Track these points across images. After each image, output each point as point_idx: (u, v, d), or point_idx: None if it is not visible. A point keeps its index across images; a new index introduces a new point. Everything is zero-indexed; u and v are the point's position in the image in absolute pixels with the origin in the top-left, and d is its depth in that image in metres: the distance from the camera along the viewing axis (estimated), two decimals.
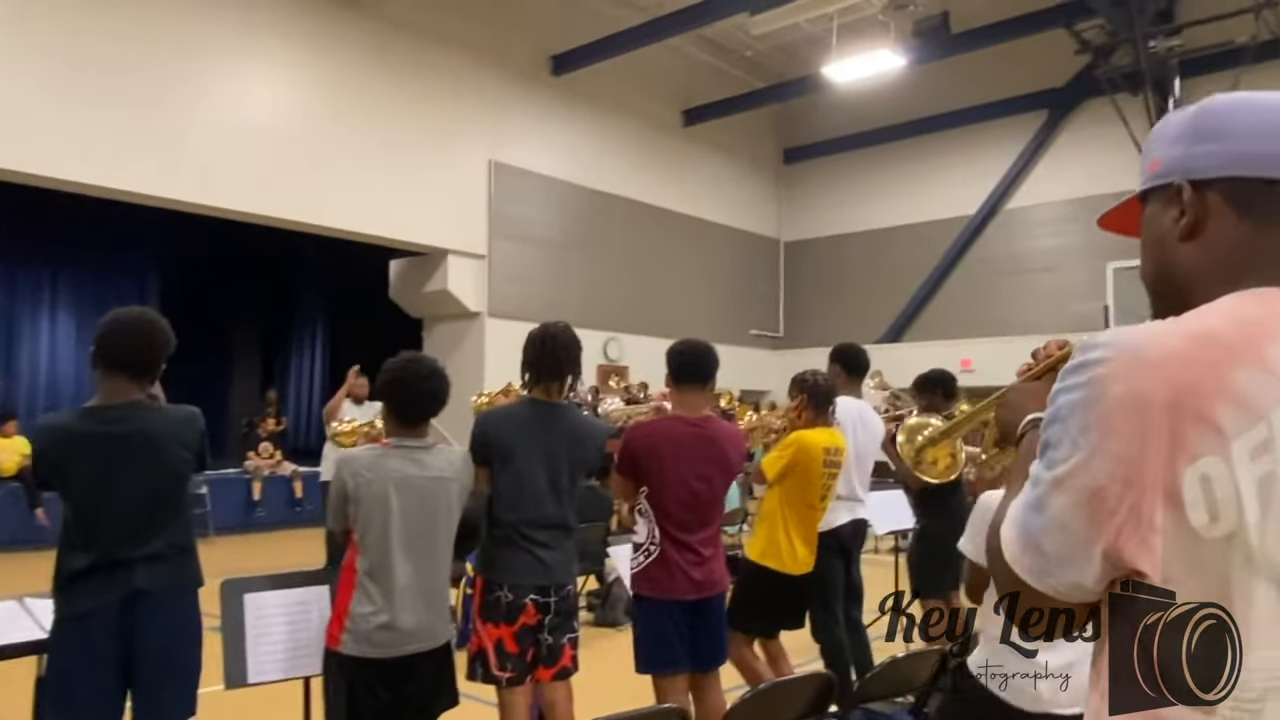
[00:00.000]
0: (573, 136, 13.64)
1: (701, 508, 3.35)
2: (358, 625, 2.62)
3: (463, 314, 12.46)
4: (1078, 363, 0.90)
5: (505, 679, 3.03)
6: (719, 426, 3.50)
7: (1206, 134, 0.98)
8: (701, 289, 15.39)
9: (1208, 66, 12.17)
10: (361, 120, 11.07)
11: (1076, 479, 0.87)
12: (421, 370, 2.78)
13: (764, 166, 17.10)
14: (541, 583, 3.08)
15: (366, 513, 2.67)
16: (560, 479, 3.17)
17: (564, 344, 3.24)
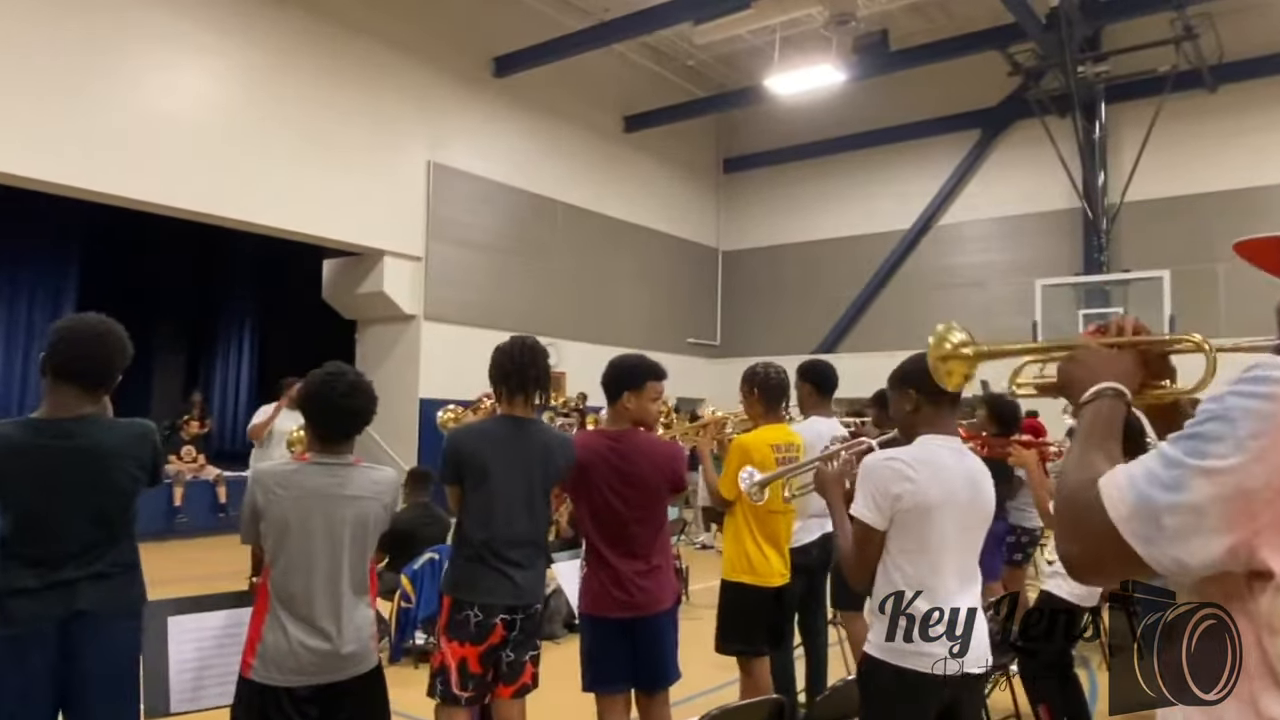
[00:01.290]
0: (513, 139, 13.52)
1: (620, 524, 3.25)
2: (269, 651, 2.48)
3: (398, 317, 12.22)
4: (1261, 375, 0.94)
5: (465, 698, 2.95)
6: (647, 440, 3.38)
7: None
8: (640, 296, 15.39)
9: (1131, 93, 12.66)
10: (297, 116, 10.77)
11: (1232, 476, 0.92)
12: (342, 386, 2.61)
13: (704, 175, 17.19)
14: (513, 603, 3.01)
15: (278, 531, 2.51)
16: (534, 495, 3.11)
17: (538, 361, 3.18)
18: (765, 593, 3.82)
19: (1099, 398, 1.23)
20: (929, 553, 2.33)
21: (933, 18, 13.37)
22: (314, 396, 2.61)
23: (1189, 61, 11.88)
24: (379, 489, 2.68)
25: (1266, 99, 12.14)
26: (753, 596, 3.80)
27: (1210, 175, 12.49)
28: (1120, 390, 1.23)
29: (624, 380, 3.31)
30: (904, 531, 2.35)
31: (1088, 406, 1.23)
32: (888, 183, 15.37)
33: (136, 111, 9.36)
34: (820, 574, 4.27)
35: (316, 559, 2.52)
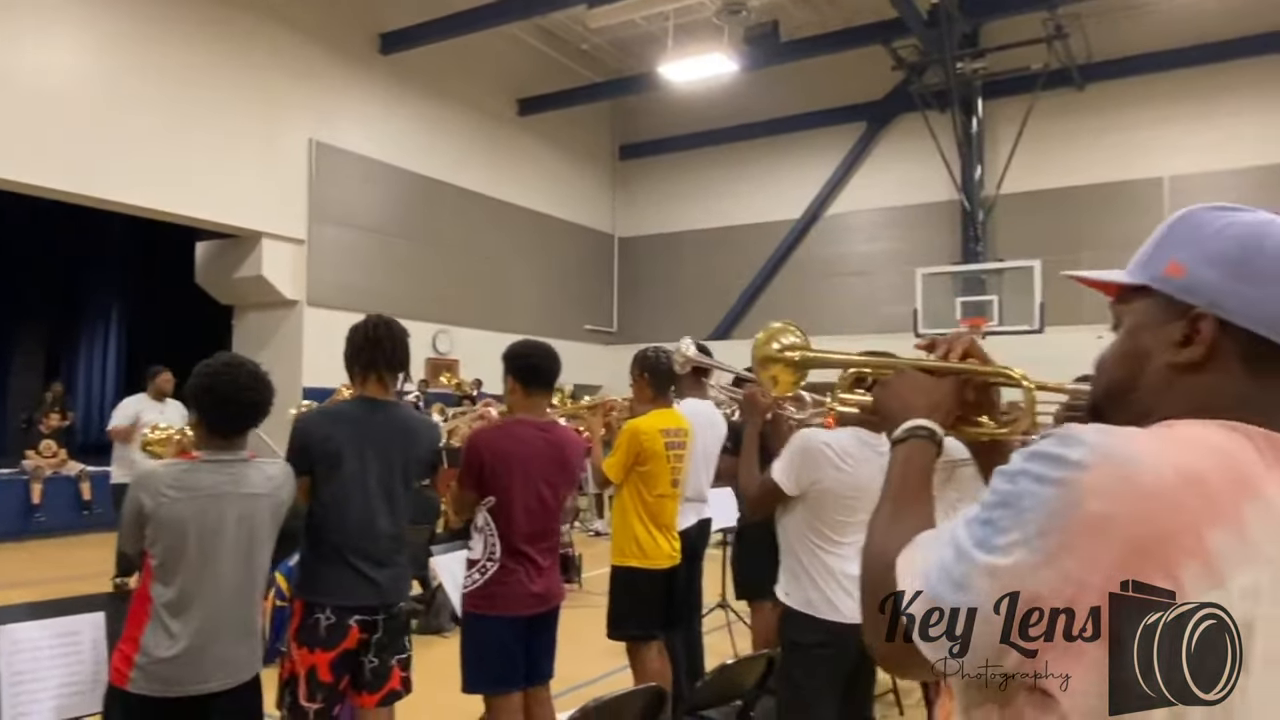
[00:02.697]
0: (402, 120, 13.11)
1: (547, 517, 3.23)
2: (151, 661, 2.32)
3: (279, 302, 11.71)
4: (1055, 453, 0.81)
5: (313, 710, 2.76)
6: (564, 433, 3.39)
7: (1256, 276, 0.88)
8: (535, 282, 15.22)
9: (1006, 90, 13.21)
10: (169, 90, 10.15)
11: (1015, 578, 0.80)
12: (242, 379, 2.45)
13: (599, 161, 17.11)
14: (371, 603, 2.83)
15: (169, 536, 2.36)
16: (394, 485, 2.92)
17: (394, 336, 3.00)
18: (655, 575, 3.83)
19: (910, 437, 1.11)
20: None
21: (821, 10, 13.62)
22: (211, 390, 2.44)
23: (1060, 60, 12.47)
24: (278, 483, 2.55)
25: (1131, 98, 12.86)
26: (643, 579, 3.80)
27: (1079, 170, 13.17)
28: (932, 430, 1.11)
29: (552, 374, 3.27)
30: (817, 509, 2.62)
31: (898, 448, 1.11)
32: (779, 172, 15.63)
33: None
34: (697, 560, 4.29)
35: (216, 562, 2.37)
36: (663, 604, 3.88)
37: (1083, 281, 1.05)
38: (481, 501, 3.15)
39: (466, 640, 3.18)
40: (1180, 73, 12.48)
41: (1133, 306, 0.96)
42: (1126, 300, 0.98)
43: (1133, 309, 0.96)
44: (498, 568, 3.10)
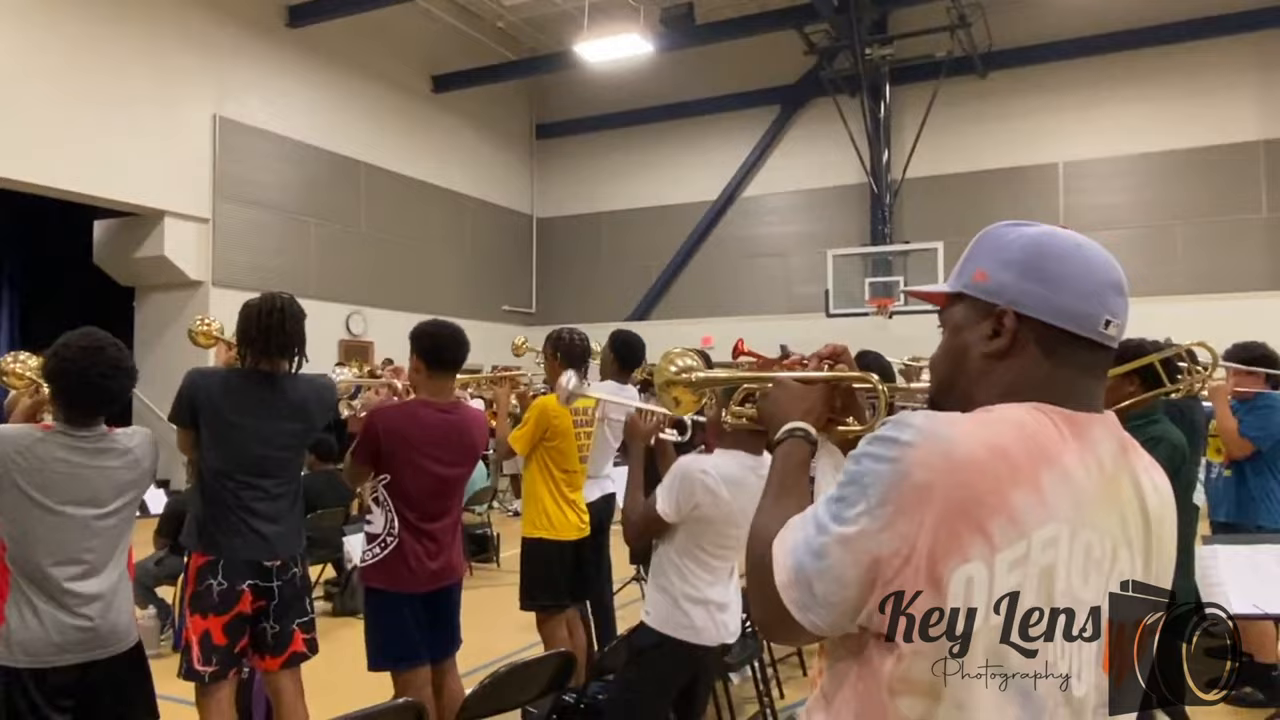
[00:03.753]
0: (311, 95, 12.77)
1: (446, 495, 3.28)
2: (14, 632, 2.31)
3: (183, 283, 11.34)
4: (890, 437, 0.98)
5: (208, 673, 2.78)
6: (467, 413, 3.42)
7: (1041, 276, 1.07)
8: (452, 263, 15.05)
9: (913, 76, 13.60)
10: (62, 62, 9.68)
11: (863, 543, 0.97)
12: (101, 366, 2.40)
13: (517, 141, 16.97)
14: (262, 559, 2.84)
15: (15, 503, 2.33)
16: (284, 447, 2.94)
17: (289, 316, 2.97)
18: (565, 546, 3.94)
19: (789, 438, 1.28)
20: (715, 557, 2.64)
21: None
22: (68, 372, 2.39)
23: (963, 48, 12.90)
24: (136, 456, 2.52)
25: (1030, 86, 13.38)
26: (552, 550, 3.90)
27: (980, 155, 13.66)
28: (807, 431, 1.28)
29: (458, 356, 3.27)
30: (696, 534, 2.60)
31: (778, 449, 1.28)
32: (696, 154, 15.77)
33: None
34: (603, 532, 4.41)
35: (69, 533, 2.35)
36: (572, 574, 3.99)
37: (917, 295, 1.26)
38: (377, 478, 3.18)
39: (368, 615, 3.21)
40: (1076, 62, 13.04)
41: (953, 311, 1.15)
42: (949, 308, 1.16)
43: (953, 313, 1.15)
44: (396, 543, 3.13)
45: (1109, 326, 1.07)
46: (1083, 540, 0.98)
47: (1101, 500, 1.01)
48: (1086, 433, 1.03)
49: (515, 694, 2.68)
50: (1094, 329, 1.06)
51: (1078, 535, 0.98)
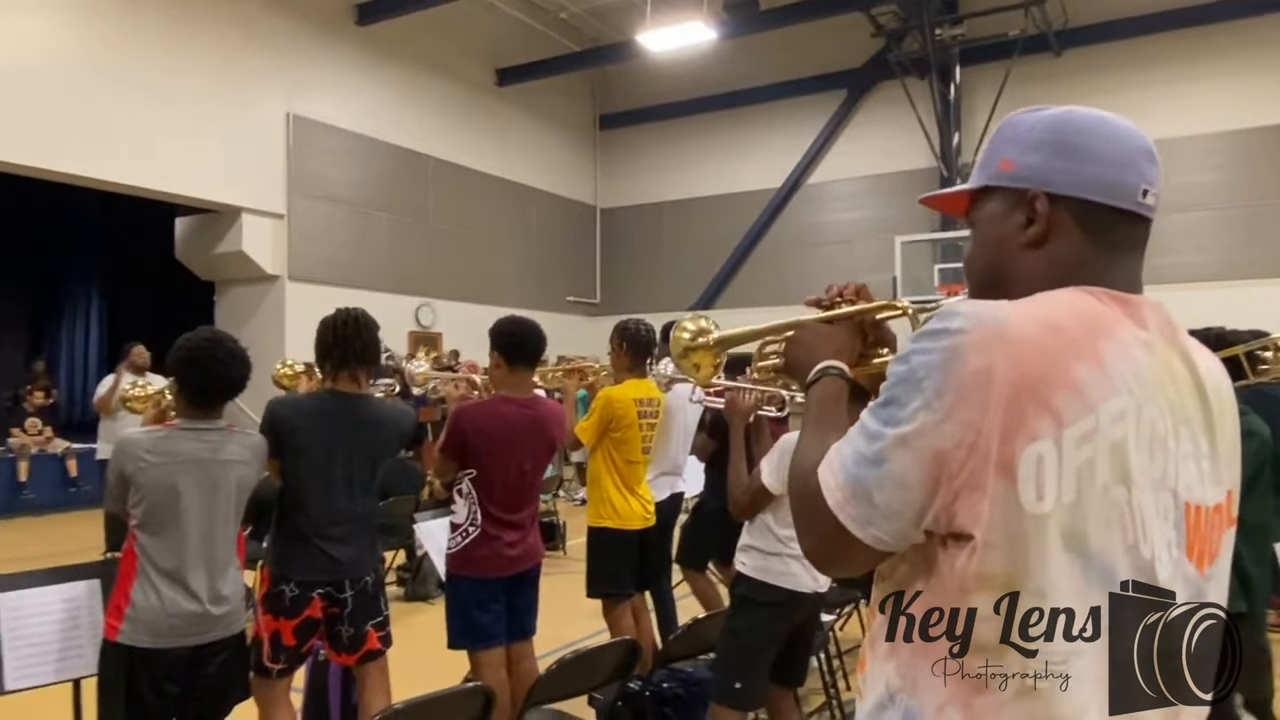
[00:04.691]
0: (380, 91, 13.03)
1: (526, 487, 3.38)
2: (140, 614, 2.46)
3: (260, 277, 11.70)
4: (937, 328, 0.93)
5: (276, 670, 2.90)
6: (546, 407, 3.50)
7: (1068, 151, 1.02)
8: (517, 254, 15.23)
9: (984, 57, 13.24)
10: (144, 65, 10.06)
11: (924, 439, 0.91)
12: (220, 353, 2.58)
13: (580, 131, 17.06)
14: (332, 578, 2.94)
15: (149, 498, 2.50)
16: (358, 474, 3.03)
17: (363, 326, 3.06)
18: (629, 535, 3.97)
19: (822, 377, 1.22)
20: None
21: None
22: (191, 362, 2.57)
23: (1036, 26, 12.51)
24: (252, 453, 2.69)
25: (1108, 63, 12.91)
26: (618, 540, 3.95)
27: None
28: (840, 368, 1.23)
29: (536, 352, 3.38)
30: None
31: (812, 389, 1.22)
32: (760, 141, 15.64)
33: None
34: (667, 530, 4.46)
35: (190, 523, 2.51)
36: (636, 564, 4.03)
37: (934, 201, 1.21)
38: (463, 472, 3.27)
39: (450, 599, 3.32)
40: (1156, 37, 12.54)
41: (981, 210, 1.10)
42: (976, 207, 1.11)
43: (982, 212, 1.10)
44: (479, 533, 3.24)
45: (1147, 196, 1.02)
46: (1148, 416, 0.93)
47: (1158, 377, 0.96)
48: (1136, 311, 0.99)
49: (582, 680, 2.72)
50: (1132, 199, 1.02)
51: (1143, 410, 0.93)
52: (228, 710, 2.64)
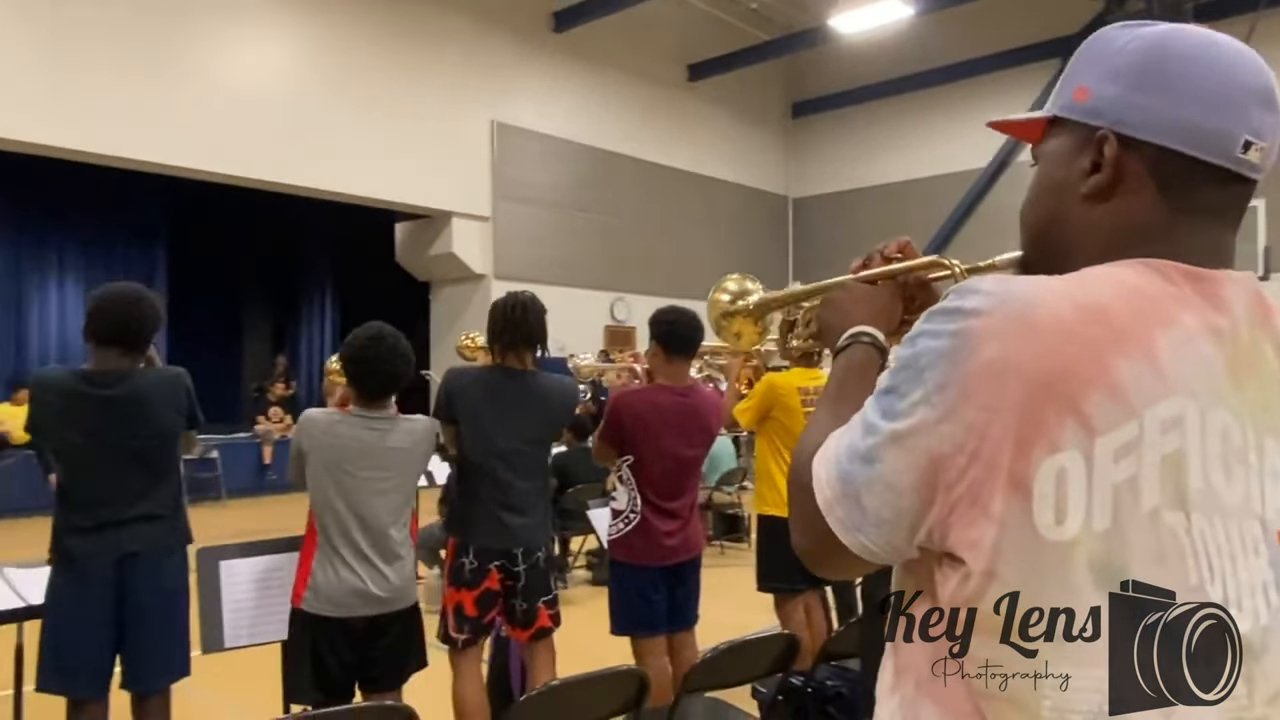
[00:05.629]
0: (576, 95, 13.52)
1: (684, 476, 3.41)
2: (318, 585, 2.69)
3: (468, 276, 12.48)
4: (951, 307, 0.77)
5: (461, 640, 3.08)
6: (703, 396, 3.53)
7: (1154, 82, 0.81)
8: (709, 247, 15.30)
9: (1222, 11, 11.85)
10: (364, 84, 11.01)
11: (920, 439, 0.76)
12: (381, 351, 2.79)
13: (771, 122, 16.88)
14: (507, 547, 3.09)
15: (319, 476, 2.72)
16: (528, 443, 3.17)
17: (530, 309, 3.21)
18: None
19: (852, 344, 1.06)
20: None
21: None
22: (355, 359, 2.79)
23: None
24: (416, 439, 2.87)
25: None
26: (783, 528, 3.84)
27: None
28: (874, 335, 1.06)
29: (694, 341, 3.40)
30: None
31: (838, 357, 1.07)
32: (961, 120, 14.80)
33: (214, 89, 9.73)
34: None
35: (359, 503, 2.70)
36: None
37: (1003, 126, 0.99)
38: (621, 459, 3.35)
39: (612, 586, 3.41)
40: None
41: (1047, 145, 0.91)
42: (1045, 141, 0.92)
43: (1046, 148, 0.91)
44: (639, 520, 3.30)
45: (1250, 150, 0.80)
46: (1217, 423, 0.74)
47: (1237, 374, 0.77)
48: (1216, 291, 0.79)
49: (740, 670, 2.71)
50: (1227, 153, 0.80)
51: (1209, 416, 0.74)
52: (405, 677, 2.85)
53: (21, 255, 12.36)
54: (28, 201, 11.78)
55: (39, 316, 12.53)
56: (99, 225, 12.69)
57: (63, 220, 12.41)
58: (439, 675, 3.07)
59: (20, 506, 8.73)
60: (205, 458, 10.18)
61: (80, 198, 11.85)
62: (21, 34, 8.52)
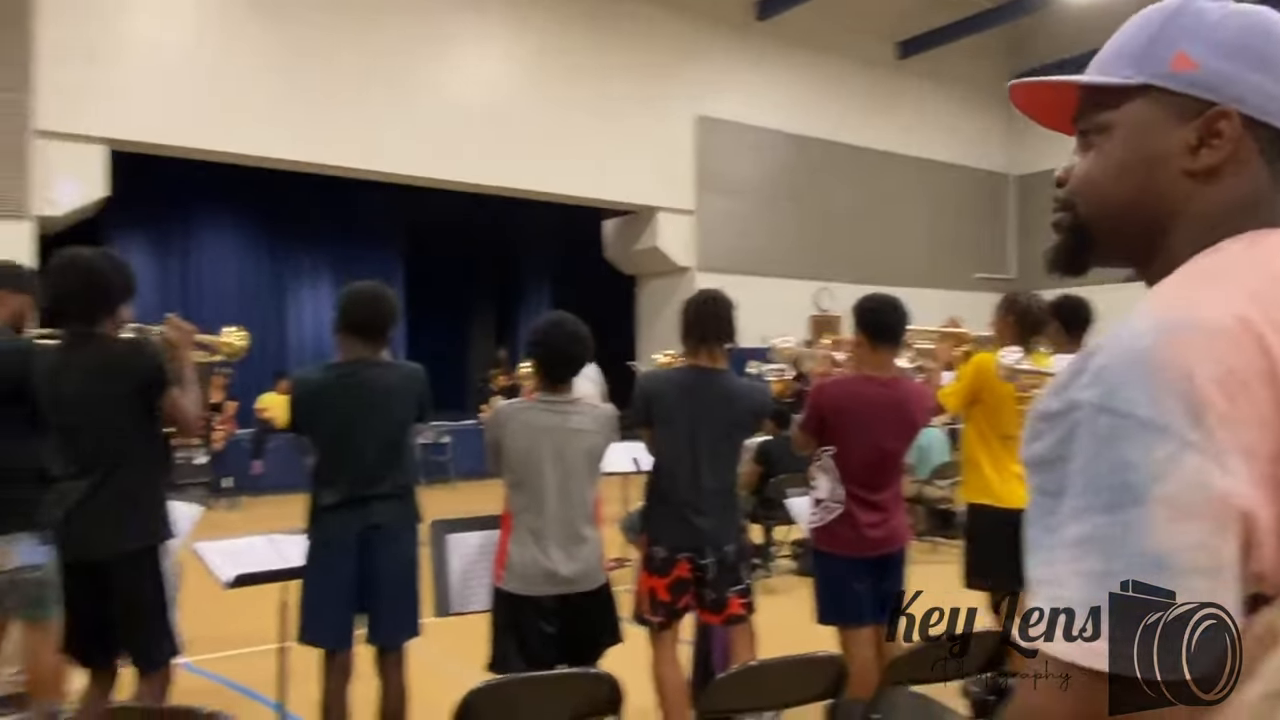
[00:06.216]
0: (780, 83, 13.40)
1: (886, 469, 3.34)
2: (513, 565, 2.86)
3: (673, 270, 12.71)
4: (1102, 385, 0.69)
5: (656, 623, 3.18)
6: (908, 387, 3.43)
7: (1272, 67, 0.79)
8: (917, 232, 14.71)
9: None
10: (574, 87, 11.51)
11: (1205, 490, 0.65)
12: (561, 335, 2.92)
13: (990, 97, 15.90)
14: (695, 545, 3.16)
15: (511, 462, 2.89)
16: (717, 445, 3.21)
17: (719, 305, 3.25)
18: (1007, 516, 3.60)
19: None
20: None
21: None
22: (540, 344, 2.95)
23: None
24: (600, 424, 2.99)
25: None
26: (994, 520, 3.64)
27: None
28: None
29: (898, 329, 3.32)
30: None
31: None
32: None
33: (441, 102, 10.57)
34: None
35: (548, 487, 2.85)
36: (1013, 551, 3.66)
37: (1034, 89, 0.93)
38: (821, 448, 3.31)
39: (816, 575, 3.39)
40: None
41: (1127, 110, 0.84)
42: (1106, 106, 0.85)
43: (1124, 114, 0.84)
44: (841, 510, 3.25)
45: None
46: None
47: None
48: None
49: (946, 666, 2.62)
50: None
51: None
52: (600, 653, 2.97)
53: (279, 263, 14.01)
54: (283, 215, 13.27)
55: (295, 317, 14.14)
56: (342, 233, 14.06)
57: (312, 231, 13.87)
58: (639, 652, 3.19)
59: (284, 484, 9.85)
60: (438, 442, 11.05)
61: (326, 209, 13.20)
62: (273, 65, 9.62)
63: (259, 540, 3.17)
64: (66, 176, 8.74)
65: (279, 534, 3.26)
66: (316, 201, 12.80)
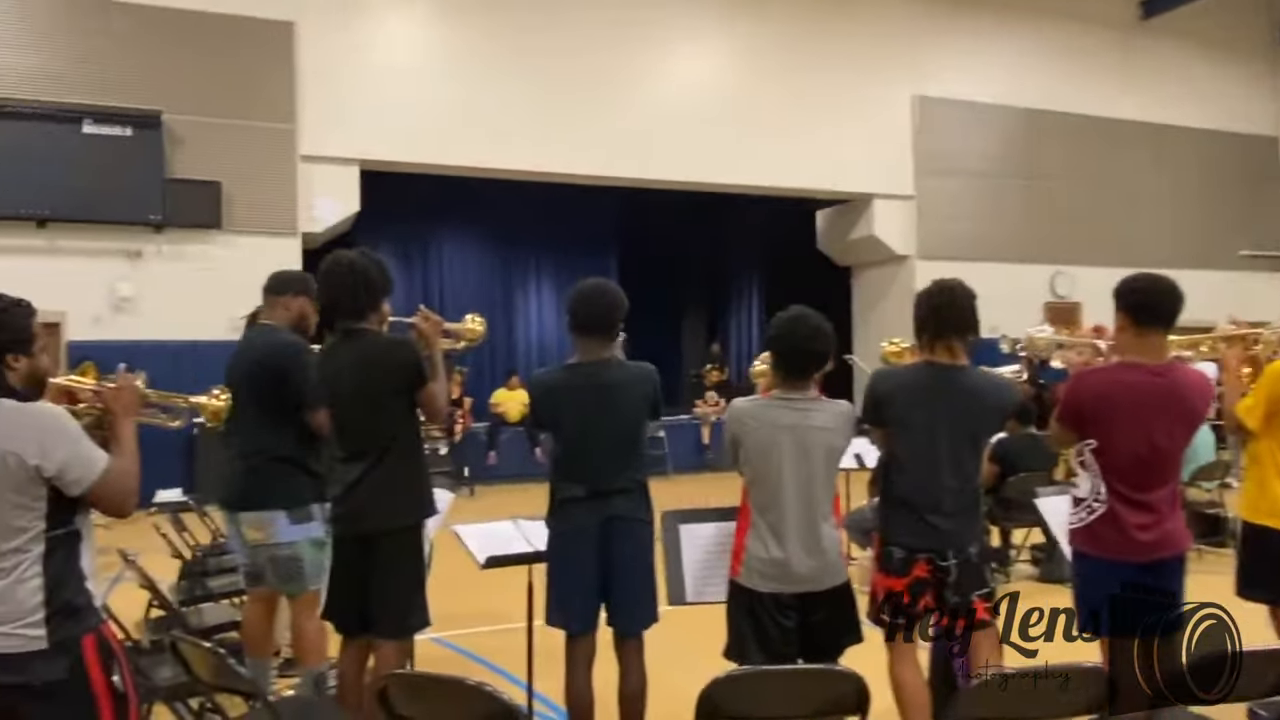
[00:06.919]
0: (1006, 53, 12.61)
1: (1159, 467, 3.01)
2: (751, 560, 2.86)
3: (890, 258, 12.29)
4: None
5: (893, 624, 3.05)
6: (1184, 375, 3.07)
7: None
8: (1168, 207, 13.34)
9: None
10: (782, 79, 11.41)
11: None
12: (804, 330, 2.86)
13: (1252, 51, 14.17)
14: (934, 547, 3.00)
15: (751, 458, 2.88)
16: (959, 446, 3.03)
17: (957, 303, 3.05)
18: None
19: None
20: None
21: None
22: (781, 338, 2.92)
23: None
24: (839, 422, 2.93)
25: None
26: (1276, 541, 3.25)
27: None
28: None
29: (1172, 310, 3.00)
30: None
31: None
32: None
33: (648, 105, 10.85)
34: None
35: (786, 483, 2.83)
36: None
37: None
38: (1083, 443, 3.05)
39: (1075, 580, 3.12)
40: None
41: None
42: None
43: None
44: (1104, 509, 2.98)
45: None
46: None
47: None
48: None
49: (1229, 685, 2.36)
50: None
51: None
52: (840, 650, 2.90)
53: (508, 269, 14.98)
54: (510, 220, 14.10)
55: (523, 319, 15.03)
56: (563, 236, 14.73)
57: (535, 234, 14.67)
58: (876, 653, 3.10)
59: (515, 473, 10.47)
60: (653, 436, 11.33)
61: (547, 213, 13.88)
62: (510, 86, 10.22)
63: (506, 525, 3.38)
64: (326, 196, 9.75)
65: (522, 519, 3.46)
66: (537, 208, 13.50)
